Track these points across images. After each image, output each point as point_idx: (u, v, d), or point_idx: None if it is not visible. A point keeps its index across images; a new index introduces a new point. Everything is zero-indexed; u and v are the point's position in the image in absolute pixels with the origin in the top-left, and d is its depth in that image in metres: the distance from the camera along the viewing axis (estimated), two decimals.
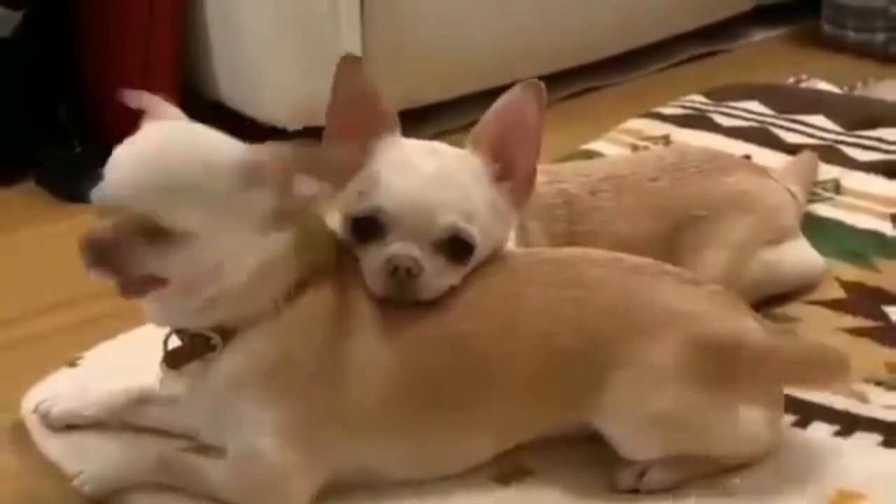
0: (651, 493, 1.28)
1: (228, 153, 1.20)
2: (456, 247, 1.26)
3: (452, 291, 1.27)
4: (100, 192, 1.18)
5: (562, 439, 1.31)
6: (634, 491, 1.28)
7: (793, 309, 1.63)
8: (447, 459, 1.29)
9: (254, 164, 1.18)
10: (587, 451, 1.30)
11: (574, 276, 1.27)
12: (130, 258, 1.17)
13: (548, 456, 1.31)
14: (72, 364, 1.54)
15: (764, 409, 1.29)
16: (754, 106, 2.23)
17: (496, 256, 1.30)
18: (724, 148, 2.01)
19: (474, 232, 1.26)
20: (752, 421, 1.27)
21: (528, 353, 1.25)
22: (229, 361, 1.24)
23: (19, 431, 1.41)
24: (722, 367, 1.24)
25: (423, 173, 1.27)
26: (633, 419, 1.24)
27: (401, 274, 1.24)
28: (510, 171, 1.30)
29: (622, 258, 1.30)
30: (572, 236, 1.48)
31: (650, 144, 2.12)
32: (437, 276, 1.26)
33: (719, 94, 2.29)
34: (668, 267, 1.32)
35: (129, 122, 1.25)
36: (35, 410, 1.41)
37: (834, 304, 1.65)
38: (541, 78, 1.28)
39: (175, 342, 1.27)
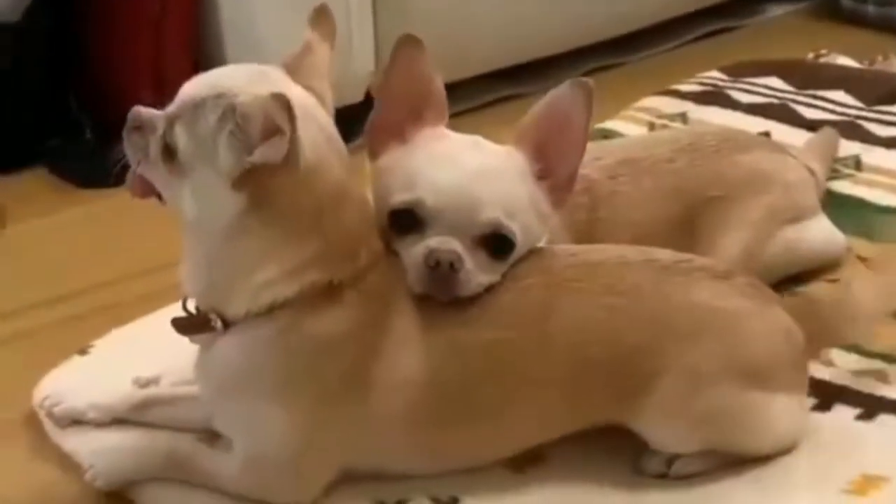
0: (679, 478, 1.27)
1: (235, 87, 1.17)
2: (497, 243, 1.24)
3: (488, 293, 1.24)
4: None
5: None
6: (661, 476, 1.28)
7: (814, 288, 1.61)
8: (470, 460, 1.28)
9: (245, 106, 1.14)
10: (603, 438, 1.29)
11: (609, 283, 1.25)
12: (143, 150, 1.21)
13: (562, 442, 1.29)
14: (83, 352, 1.53)
15: (797, 397, 1.29)
16: (773, 82, 2.20)
17: (533, 255, 1.28)
18: (743, 125, 1.99)
19: (516, 229, 1.24)
20: (787, 415, 1.28)
21: (563, 364, 1.23)
22: (228, 350, 1.22)
23: (33, 422, 1.41)
24: (761, 366, 1.25)
25: (467, 167, 1.25)
26: (672, 423, 1.24)
27: (443, 268, 1.21)
28: (551, 171, 1.28)
29: (655, 257, 1.28)
30: (593, 224, 1.46)
31: (667, 122, 2.10)
32: (478, 272, 1.23)
33: (738, 71, 2.26)
34: (700, 261, 1.31)
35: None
36: (41, 405, 1.40)
37: None
38: (554, 57, 1.26)
39: (190, 307, 1.26)
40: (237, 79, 1.20)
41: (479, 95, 2.36)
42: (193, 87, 1.21)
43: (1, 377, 1.51)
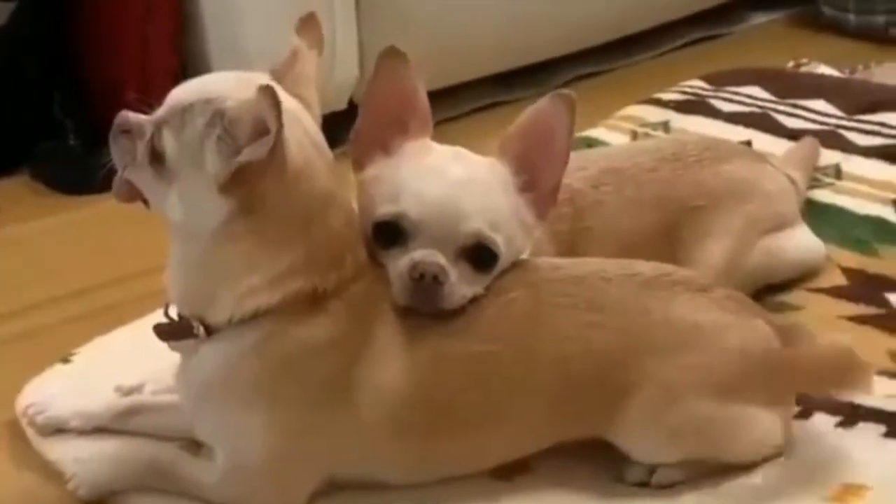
0: (661, 487, 1.28)
1: (223, 92, 1.17)
2: (480, 255, 1.25)
3: (472, 306, 1.25)
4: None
5: None
6: (642, 484, 1.28)
7: (794, 296, 1.62)
8: (453, 469, 1.29)
9: (233, 111, 1.15)
10: (587, 447, 1.29)
11: (591, 297, 1.26)
12: (131, 154, 1.20)
13: (547, 451, 1.29)
14: (66, 360, 1.53)
15: (778, 410, 1.30)
16: (755, 91, 2.22)
17: (517, 268, 1.29)
18: (725, 134, 2.00)
19: (499, 240, 1.25)
20: (767, 425, 1.28)
21: (545, 378, 1.24)
22: (211, 357, 1.22)
23: (16, 429, 1.40)
24: (738, 379, 1.26)
25: (450, 179, 1.25)
26: (651, 436, 1.25)
27: (427, 280, 1.22)
28: (535, 183, 1.29)
29: (636, 271, 1.29)
30: (576, 233, 1.47)
31: (650, 131, 2.11)
32: (462, 284, 1.24)
33: (719, 80, 2.27)
34: (680, 274, 1.31)
35: None
36: (24, 414, 1.40)
37: (835, 292, 1.64)
38: (539, 64, 1.26)
39: (173, 314, 1.26)
40: (225, 84, 1.20)
41: (462, 103, 2.37)
42: (182, 93, 1.21)
43: None
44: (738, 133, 2.05)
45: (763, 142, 2.01)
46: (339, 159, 1.30)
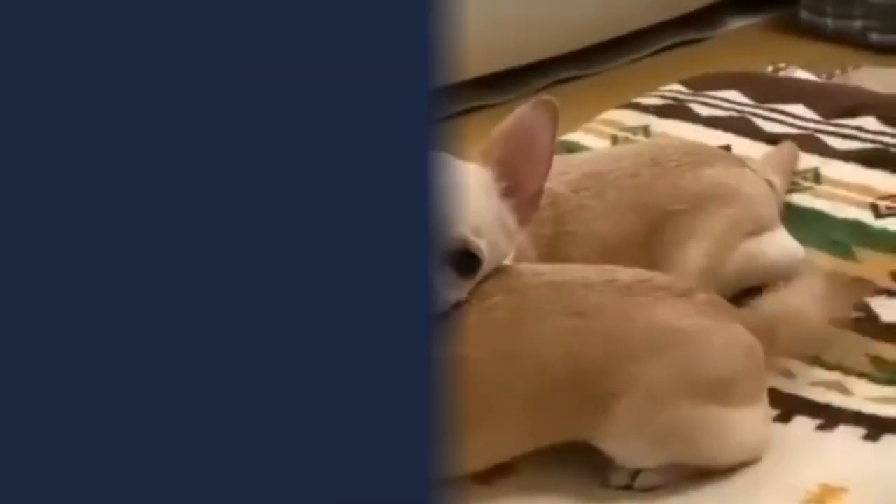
0: (643, 490, 1.29)
1: None
2: (464, 260, 1.25)
3: (454, 312, 1.24)
4: None
5: None
6: (626, 488, 1.29)
7: (758, 301, 1.62)
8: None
9: None
10: (570, 449, 1.29)
11: (572, 304, 1.26)
12: None
13: (530, 454, 1.30)
14: None
15: (759, 413, 1.31)
16: (733, 95, 2.22)
17: (499, 273, 1.29)
18: (704, 138, 2.00)
19: (483, 246, 1.25)
20: (749, 428, 1.30)
21: (526, 384, 1.24)
22: None
23: None
24: (723, 382, 1.27)
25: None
26: (634, 440, 1.26)
27: None
28: (518, 188, 1.29)
29: (615, 277, 1.29)
30: (559, 237, 1.47)
31: (630, 135, 2.11)
32: (446, 289, 1.24)
33: (698, 84, 2.27)
34: (660, 280, 1.32)
35: None
36: None
37: None
38: (520, 68, 1.27)
39: None
40: None
41: (443, 106, 2.37)
42: None
43: None
44: (716, 137, 2.05)
45: (742, 146, 2.01)
46: None
